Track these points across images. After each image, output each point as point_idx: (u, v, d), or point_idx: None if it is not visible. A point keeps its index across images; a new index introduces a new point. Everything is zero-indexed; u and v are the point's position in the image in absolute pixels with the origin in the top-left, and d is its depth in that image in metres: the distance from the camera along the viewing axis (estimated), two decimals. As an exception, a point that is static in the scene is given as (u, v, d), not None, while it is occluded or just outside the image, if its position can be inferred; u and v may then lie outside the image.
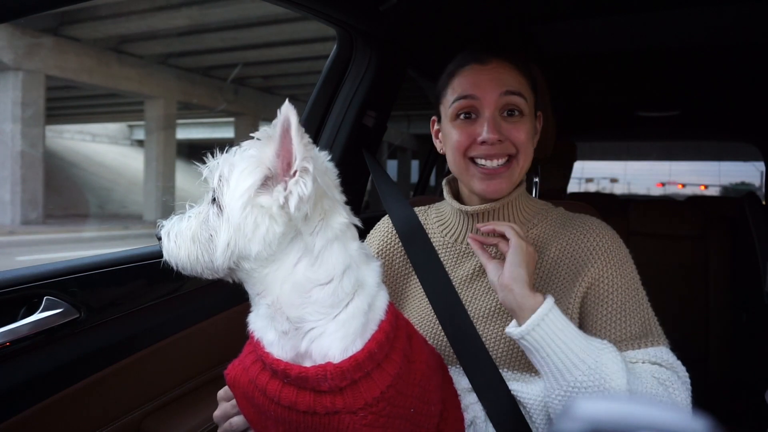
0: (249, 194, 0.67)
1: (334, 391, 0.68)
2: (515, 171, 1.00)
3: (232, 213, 0.68)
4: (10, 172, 11.22)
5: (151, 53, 13.06)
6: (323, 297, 0.70)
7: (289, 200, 0.65)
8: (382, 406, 0.70)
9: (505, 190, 1.00)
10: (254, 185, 0.67)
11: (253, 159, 0.68)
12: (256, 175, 0.67)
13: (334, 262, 0.70)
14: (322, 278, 0.70)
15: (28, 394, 0.99)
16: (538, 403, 0.93)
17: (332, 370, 0.68)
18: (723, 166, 27.59)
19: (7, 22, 0.78)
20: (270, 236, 0.67)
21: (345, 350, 0.70)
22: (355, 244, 0.74)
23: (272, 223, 0.67)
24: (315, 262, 0.70)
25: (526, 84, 1.02)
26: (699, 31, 1.64)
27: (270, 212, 0.67)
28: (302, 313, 0.70)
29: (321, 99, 1.60)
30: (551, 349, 0.82)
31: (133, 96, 14.45)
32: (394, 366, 0.72)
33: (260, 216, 0.67)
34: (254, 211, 0.67)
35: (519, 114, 1.00)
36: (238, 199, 0.67)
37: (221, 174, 0.70)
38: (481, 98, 0.99)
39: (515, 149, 0.99)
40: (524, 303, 0.85)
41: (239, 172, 0.68)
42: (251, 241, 0.67)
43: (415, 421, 0.75)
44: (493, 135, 0.97)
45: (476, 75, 1.00)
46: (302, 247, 0.70)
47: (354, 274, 0.72)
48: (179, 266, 0.75)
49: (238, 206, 0.67)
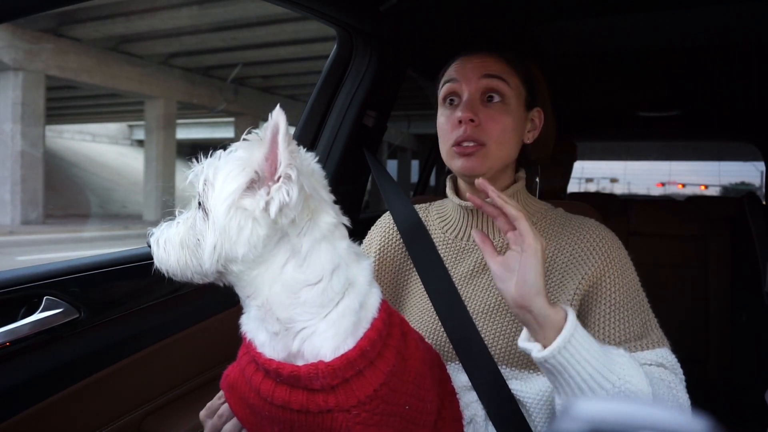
0: (234, 197, 0.67)
1: (327, 390, 0.69)
2: (485, 156, 1.00)
3: (217, 216, 0.68)
4: (10, 172, 11.22)
5: (151, 53, 13.06)
6: (312, 297, 0.70)
7: (270, 205, 0.66)
8: (376, 404, 0.70)
9: (479, 168, 1.00)
10: (239, 188, 0.67)
11: (240, 161, 0.69)
12: (241, 178, 0.68)
13: (323, 262, 0.71)
14: (311, 278, 0.70)
15: (28, 394, 0.99)
16: (537, 401, 0.93)
17: (324, 368, 0.68)
18: (723, 166, 27.60)
19: (7, 22, 0.78)
20: (254, 238, 0.67)
21: (336, 349, 0.70)
22: (344, 243, 0.74)
23: (256, 226, 0.67)
24: (303, 263, 0.70)
25: (512, 72, 1.02)
26: (699, 31, 1.64)
27: (253, 215, 0.67)
28: (292, 313, 0.70)
29: (321, 99, 1.60)
30: (575, 371, 0.75)
31: (133, 96, 14.45)
32: (387, 364, 0.72)
33: (244, 218, 0.67)
34: (238, 214, 0.67)
35: (500, 100, 1.00)
36: (222, 202, 0.68)
37: (206, 178, 0.70)
38: (462, 81, 1.02)
39: (486, 139, 0.99)
40: (546, 320, 0.76)
41: (224, 175, 0.69)
42: (236, 244, 0.68)
43: (410, 418, 0.75)
44: (467, 113, 0.98)
45: (462, 63, 1.04)
46: (289, 249, 0.70)
47: (344, 273, 0.72)
48: (170, 273, 0.76)
49: (222, 209, 0.68)
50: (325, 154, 1.58)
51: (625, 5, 1.46)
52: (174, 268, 0.75)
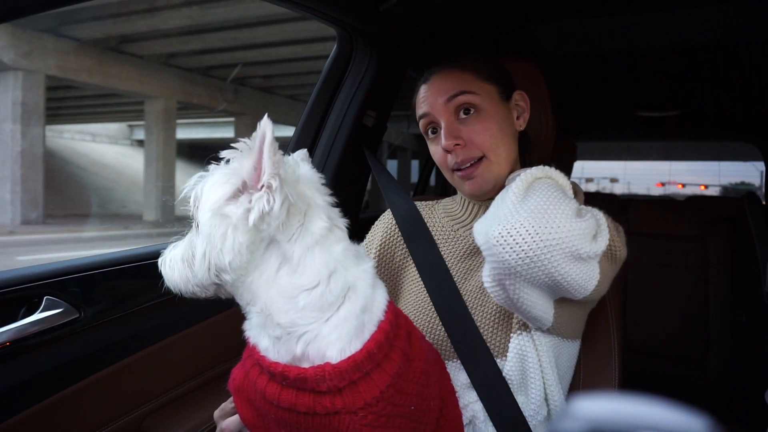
0: (218, 204, 0.68)
1: (333, 392, 0.69)
2: (487, 169, 1.01)
3: (203, 225, 0.69)
4: (10, 172, 11.23)
5: (151, 53, 13.06)
6: (311, 302, 0.70)
7: (251, 213, 0.66)
8: (382, 405, 0.70)
9: (485, 187, 1.02)
10: (224, 196, 0.68)
11: (228, 171, 0.70)
12: (227, 187, 0.68)
13: (318, 267, 0.70)
14: (306, 283, 0.70)
15: (28, 394, 0.99)
16: (536, 410, 0.93)
17: (330, 370, 0.68)
18: (723, 166, 27.60)
19: (7, 22, 0.78)
20: (237, 245, 0.68)
21: (342, 351, 0.70)
22: (339, 247, 0.73)
23: (236, 233, 0.67)
24: (297, 269, 0.70)
25: (475, 78, 1.02)
26: (699, 31, 1.64)
27: (232, 222, 0.68)
28: (292, 318, 0.70)
29: (321, 99, 1.60)
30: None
31: (133, 96, 14.44)
32: (393, 365, 0.72)
33: (225, 226, 0.68)
34: (221, 221, 0.68)
35: (475, 111, 1.01)
36: (207, 210, 0.69)
37: (197, 192, 0.72)
38: (432, 112, 1.03)
39: (480, 152, 1.00)
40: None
41: (211, 185, 0.70)
42: (222, 251, 0.68)
43: (415, 418, 0.75)
44: (449, 141, 0.99)
45: (425, 93, 1.05)
46: (280, 255, 0.70)
47: (342, 277, 0.72)
48: (176, 289, 0.77)
49: (207, 217, 0.69)
50: (325, 154, 1.58)
51: (625, 5, 1.46)
52: (178, 284, 0.76)
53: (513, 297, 0.85)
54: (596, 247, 0.84)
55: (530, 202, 0.83)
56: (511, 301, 0.87)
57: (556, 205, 0.83)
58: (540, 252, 0.78)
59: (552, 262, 0.79)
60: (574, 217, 0.83)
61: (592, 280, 0.86)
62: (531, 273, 0.80)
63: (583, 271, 0.84)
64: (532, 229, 0.79)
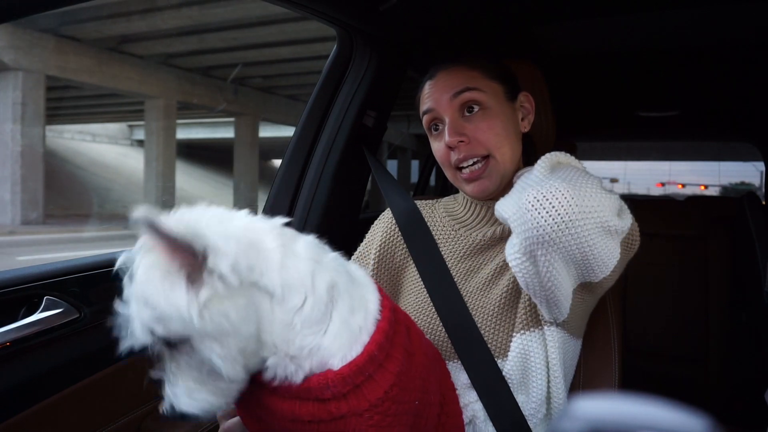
0: (199, 306, 0.61)
1: (338, 398, 0.68)
2: (494, 169, 1.00)
3: (200, 330, 0.62)
4: (10, 172, 11.24)
5: (151, 53, 13.07)
6: (305, 318, 0.67)
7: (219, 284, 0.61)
8: (387, 405, 0.70)
9: (490, 188, 1.01)
10: (191, 298, 0.61)
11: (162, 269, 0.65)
12: (179, 286, 0.62)
13: (300, 277, 0.67)
14: (297, 303, 0.67)
15: (28, 394, 0.99)
16: (536, 409, 0.93)
17: (333, 377, 0.67)
18: (723, 166, 27.64)
19: (7, 22, 0.78)
20: (243, 311, 0.63)
21: (344, 357, 0.69)
22: (299, 246, 0.69)
23: (233, 301, 0.62)
24: (284, 296, 0.66)
25: (479, 75, 1.02)
26: (699, 31, 1.64)
27: (220, 295, 0.61)
28: (298, 344, 0.67)
29: (321, 99, 1.60)
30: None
31: (133, 96, 14.47)
32: (395, 364, 0.72)
33: (222, 308, 0.62)
34: (215, 307, 0.61)
35: (480, 108, 1.00)
36: (194, 317, 0.61)
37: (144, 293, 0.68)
38: (437, 108, 1.02)
39: (485, 150, 0.99)
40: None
41: (164, 294, 0.64)
42: (244, 326, 0.64)
43: (418, 412, 0.75)
44: (453, 138, 0.99)
45: (430, 89, 1.05)
46: (263, 292, 0.65)
47: (321, 276, 0.69)
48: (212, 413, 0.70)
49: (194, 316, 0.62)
50: (325, 154, 1.58)
51: (625, 5, 1.46)
52: (210, 411, 0.69)
53: (543, 270, 0.81)
54: (622, 224, 0.83)
55: (559, 174, 0.83)
56: (538, 278, 0.83)
57: (585, 178, 0.83)
58: (576, 218, 0.76)
59: (586, 229, 0.77)
60: (603, 190, 0.82)
61: (613, 258, 0.85)
62: (565, 241, 0.77)
63: (609, 246, 0.82)
64: (568, 194, 0.76)
